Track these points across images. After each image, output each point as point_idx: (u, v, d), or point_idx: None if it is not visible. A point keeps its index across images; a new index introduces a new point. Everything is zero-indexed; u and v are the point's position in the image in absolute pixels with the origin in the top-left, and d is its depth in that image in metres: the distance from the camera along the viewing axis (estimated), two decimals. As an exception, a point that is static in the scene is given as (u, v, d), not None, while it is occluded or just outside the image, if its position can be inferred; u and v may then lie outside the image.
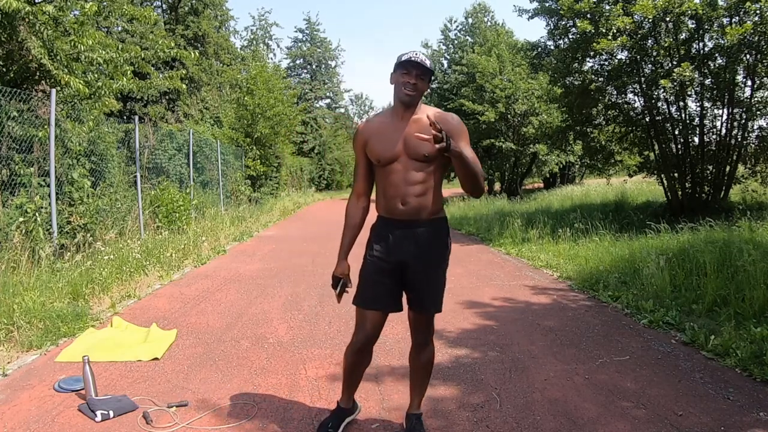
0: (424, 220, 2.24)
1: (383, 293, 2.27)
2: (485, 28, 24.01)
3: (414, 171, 2.18)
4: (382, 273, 2.26)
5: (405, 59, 2.14)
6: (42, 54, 5.57)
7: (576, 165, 22.09)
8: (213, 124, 19.14)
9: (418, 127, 2.17)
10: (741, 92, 8.59)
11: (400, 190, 2.19)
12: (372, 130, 2.28)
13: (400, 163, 2.19)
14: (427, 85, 2.20)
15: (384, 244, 2.26)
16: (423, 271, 2.25)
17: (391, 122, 2.24)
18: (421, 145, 2.12)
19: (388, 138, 2.21)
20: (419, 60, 2.13)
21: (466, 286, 5.59)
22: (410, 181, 2.19)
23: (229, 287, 5.71)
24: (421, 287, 2.27)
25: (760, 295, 3.93)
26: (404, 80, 2.15)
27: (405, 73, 2.15)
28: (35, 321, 3.92)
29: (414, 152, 2.17)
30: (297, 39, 39.19)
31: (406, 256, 2.23)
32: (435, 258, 2.27)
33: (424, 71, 2.16)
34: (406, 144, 2.18)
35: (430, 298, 2.29)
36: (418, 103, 2.22)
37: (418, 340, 2.39)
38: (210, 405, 2.78)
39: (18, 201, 5.17)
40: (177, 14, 19.67)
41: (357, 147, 2.33)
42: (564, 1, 8.71)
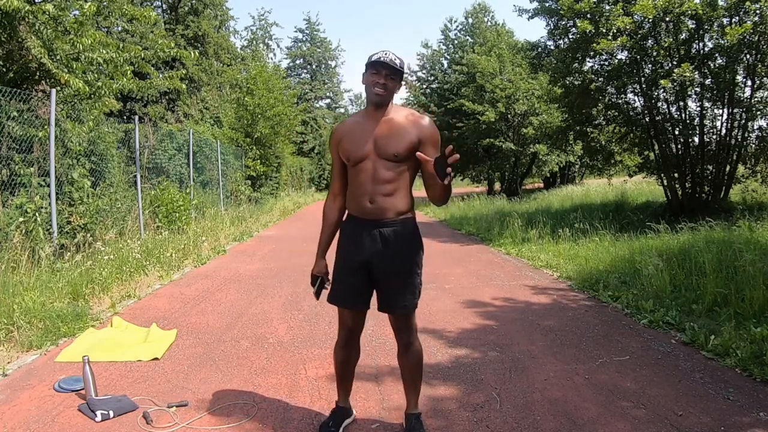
0: (392, 219, 2.24)
1: (352, 291, 2.30)
2: (485, 28, 24.01)
3: (383, 170, 2.20)
4: (351, 271, 2.29)
5: (375, 59, 2.15)
6: (42, 54, 5.57)
7: (576, 165, 22.09)
8: (213, 124, 19.14)
9: (389, 127, 2.20)
10: (741, 92, 8.59)
11: (368, 188, 2.21)
12: (345, 131, 2.31)
13: (369, 162, 2.21)
14: (398, 84, 2.22)
15: (352, 243, 2.29)
16: (390, 272, 2.25)
17: (363, 122, 2.26)
18: (391, 144, 2.16)
19: (359, 137, 2.23)
20: (388, 60, 2.14)
21: (466, 286, 5.59)
22: (379, 180, 2.20)
23: (229, 287, 5.71)
24: (389, 287, 2.28)
25: (760, 295, 3.93)
26: (374, 80, 2.16)
27: (375, 73, 2.16)
28: (35, 321, 3.92)
29: (383, 152, 2.18)
30: (297, 39, 39.26)
31: (372, 255, 2.24)
32: (403, 258, 2.27)
33: (394, 71, 2.17)
34: (376, 143, 2.20)
35: (399, 299, 2.27)
36: (389, 102, 2.23)
37: (401, 341, 2.39)
38: (210, 405, 2.78)
39: (18, 201, 5.17)
40: (177, 14, 19.69)
41: (332, 148, 2.35)
42: (564, 1, 8.71)
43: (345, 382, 2.52)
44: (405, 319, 2.35)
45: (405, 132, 2.19)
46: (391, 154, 2.18)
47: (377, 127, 2.21)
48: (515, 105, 18.15)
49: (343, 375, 2.49)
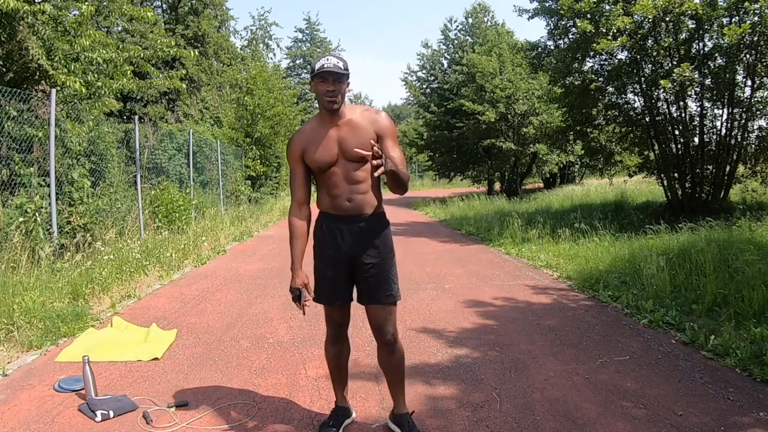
0: (369, 214, 2.31)
1: (336, 288, 2.34)
2: (485, 28, 23.98)
3: (353, 171, 2.25)
4: (335, 268, 2.33)
5: (318, 69, 2.16)
6: (40, 54, 5.56)
7: (576, 165, 22.07)
8: (213, 124, 19.14)
9: (349, 128, 2.24)
10: (741, 92, 8.59)
11: (344, 189, 2.26)
12: (306, 139, 2.30)
13: (338, 166, 2.25)
14: (346, 86, 2.23)
15: (332, 239, 2.32)
16: (372, 264, 2.30)
17: (323, 129, 2.28)
18: (354, 146, 2.18)
19: (323, 145, 2.25)
20: (332, 66, 2.15)
21: (466, 286, 5.59)
22: (352, 181, 2.26)
23: (229, 287, 5.71)
24: (372, 278, 2.31)
25: (760, 295, 3.93)
26: (323, 89, 2.19)
27: (322, 81, 2.18)
28: (35, 321, 3.93)
29: (350, 155, 2.21)
30: (297, 39, 39.26)
31: (354, 250, 2.29)
32: (381, 251, 2.32)
33: (339, 76, 2.18)
34: (341, 148, 2.24)
35: (382, 288, 2.31)
36: (341, 104, 2.25)
37: (384, 338, 2.36)
38: (210, 405, 2.78)
39: (18, 201, 5.17)
40: (177, 14, 19.67)
41: (293, 157, 2.34)
42: (564, 1, 8.70)
43: (340, 380, 2.54)
44: (389, 313, 2.34)
45: (364, 131, 2.23)
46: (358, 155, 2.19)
47: (338, 131, 2.25)
48: (515, 105, 18.14)
49: (337, 372, 2.51)
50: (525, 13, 10.42)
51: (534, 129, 17.40)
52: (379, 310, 2.33)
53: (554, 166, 21.10)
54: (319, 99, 2.24)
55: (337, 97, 2.19)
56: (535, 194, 17.93)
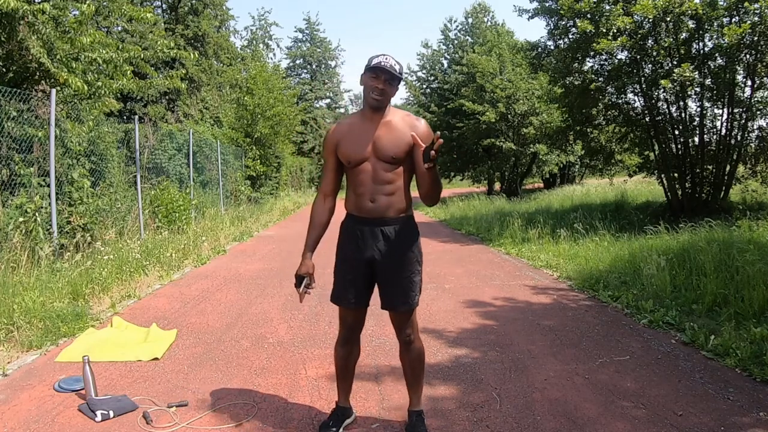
0: (392, 218, 2.28)
1: (353, 290, 2.32)
2: (485, 28, 23.99)
3: (383, 171, 2.24)
4: (354, 270, 2.31)
5: (374, 64, 2.17)
6: (41, 53, 5.56)
7: (576, 165, 22.08)
8: (213, 124, 19.13)
9: (388, 129, 2.24)
10: (741, 92, 8.59)
11: (369, 188, 2.25)
12: (342, 133, 2.31)
13: (369, 164, 2.25)
14: (395, 89, 2.25)
15: (353, 241, 2.31)
16: (391, 269, 2.29)
17: (361, 124, 2.28)
18: (389, 147, 2.21)
19: (358, 140, 2.26)
20: (387, 66, 2.16)
21: (466, 286, 5.59)
22: (379, 181, 2.24)
23: (229, 287, 5.71)
24: (391, 285, 2.31)
25: (760, 295, 3.93)
26: (373, 84, 2.19)
27: (374, 77, 2.18)
28: (35, 321, 3.92)
29: (383, 154, 2.22)
30: (297, 39, 39.24)
31: (373, 253, 2.27)
32: (403, 256, 2.30)
33: (392, 77, 2.18)
34: (375, 146, 2.24)
35: (398, 296, 2.30)
36: (386, 106, 2.26)
37: (401, 338, 2.40)
38: (210, 405, 2.78)
39: (18, 201, 5.17)
40: (177, 14, 19.67)
41: (327, 149, 2.35)
42: (564, 1, 8.70)
43: (345, 381, 2.52)
44: (407, 317, 2.36)
45: (402, 134, 2.23)
46: (390, 156, 2.22)
47: (376, 130, 2.24)
48: (515, 105, 18.14)
49: (343, 373, 2.50)
50: (525, 13, 10.42)
51: (534, 129, 17.40)
52: (395, 315, 2.35)
53: (554, 166, 21.11)
54: (365, 93, 2.23)
55: (384, 96, 2.20)
56: (535, 194, 17.94)
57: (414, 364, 2.44)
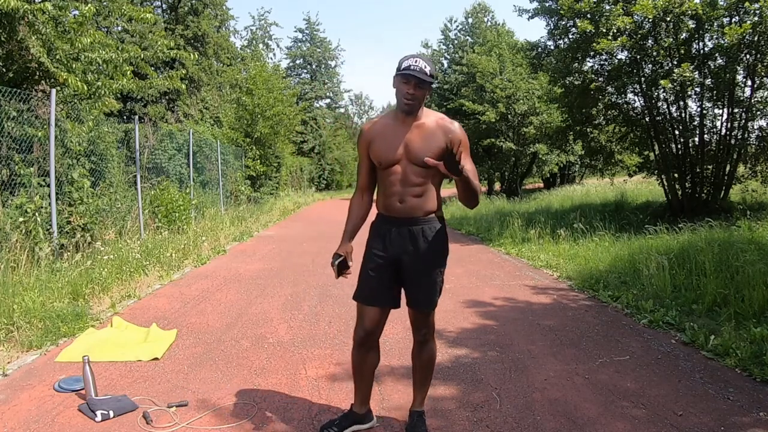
0: (421, 218, 2.28)
1: (379, 289, 2.32)
2: (485, 28, 24.00)
3: (413, 174, 2.23)
4: (379, 269, 2.31)
5: (404, 68, 2.13)
6: (41, 53, 5.56)
7: (576, 165, 22.08)
8: (213, 124, 19.13)
9: (420, 132, 2.23)
10: (741, 92, 8.59)
11: (398, 189, 2.25)
12: (375, 133, 2.31)
13: (400, 166, 2.24)
14: (427, 91, 2.21)
15: (381, 241, 2.31)
16: (418, 269, 2.29)
17: (394, 126, 2.27)
18: (422, 150, 2.18)
19: (390, 142, 2.25)
20: (417, 71, 2.12)
21: (466, 286, 5.59)
22: (409, 183, 2.24)
23: (229, 287, 5.71)
24: (415, 284, 2.31)
25: (760, 295, 3.93)
26: (403, 89, 2.17)
27: (404, 82, 2.16)
28: (35, 321, 3.92)
29: (415, 158, 2.21)
30: (297, 39, 39.18)
31: (401, 253, 2.28)
32: (430, 256, 2.29)
33: (422, 81, 2.15)
34: (407, 148, 2.23)
35: (424, 296, 2.32)
36: (418, 109, 2.24)
37: (417, 337, 2.43)
38: (210, 405, 2.78)
39: (18, 201, 5.17)
40: (177, 14, 19.66)
41: (361, 147, 2.37)
42: (564, 1, 8.70)
43: (361, 386, 2.46)
44: (426, 317, 2.37)
45: (435, 138, 2.22)
46: (422, 160, 2.17)
47: (409, 133, 2.23)
48: (515, 105, 18.14)
49: (359, 377, 2.44)
50: (525, 13, 10.43)
51: (534, 129, 17.41)
52: (416, 314, 2.37)
53: (554, 166, 21.12)
54: (397, 96, 2.21)
55: (416, 101, 2.18)
56: (535, 194, 17.94)
57: (426, 364, 2.45)
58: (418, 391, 2.50)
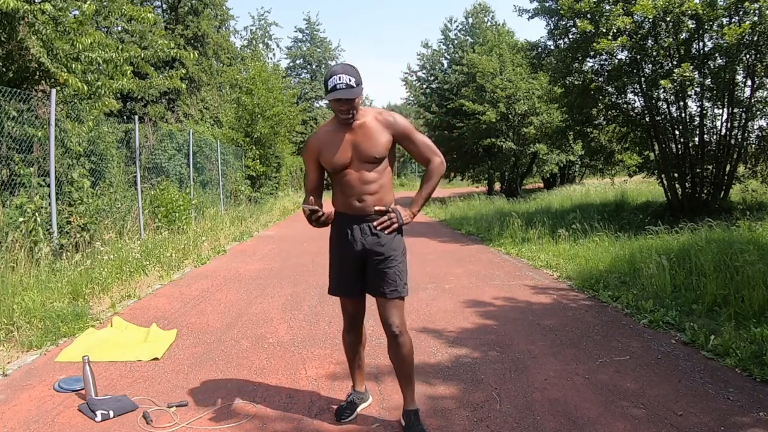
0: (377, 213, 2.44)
1: (349, 281, 2.49)
2: (485, 28, 23.99)
3: (366, 172, 2.38)
4: (347, 263, 2.47)
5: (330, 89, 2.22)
6: (41, 53, 5.56)
7: (576, 165, 22.08)
8: (213, 124, 19.14)
9: (363, 132, 2.36)
10: (741, 92, 8.59)
11: (356, 189, 2.39)
12: (322, 142, 2.42)
13: (352, 168, 2.38)
14: (358, 99, 2.30)
15: (344, 238, 2.45)
16: (380, 259, 2.41)
17: (337, 132, 2.39)
18: (370, 148, 2.35)
19: (337, 147, 2.37)
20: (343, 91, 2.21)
21: (466, 286, 5.59)
22: (365, 181, 2.38)
23: (229, 287, 5.71)
24: (381, 273, 2.42)
25: (760, 295, 3.93)
26: (337, 108, 2.29)
27: (335, 101, 2.27)
28: (35, 321, 3.93)
29: (365, 156, 2.36)
30: (297, 39, 39.21)
31: (364, 246, 2.41)
32: (389, 246, 2.43)
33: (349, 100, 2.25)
34: (355, 150, 2.36)
35: (387, 283, 2.41)
36: (355, 115, 2.35)
37: (389, 332, 2.44)
38: (210, 405, 2.78)
39: (18, 201, 5.17)
40: (177, 14, 19.66)
41: (309, 158, 2.48)
42: (564, 1, 8.70)
43: (356, 367, 2.70)
44: (394, 306, 2.42)
45: (379, 134, 2.37)
46: (373, 157, 2.36)
47: (353, 135, 2.37)
48: (516, 105, 18.14)
49: (352, 358, 2.68)
50: (525, 13, 10.43)
51: (534, 129, 17.40)
52: (383, 303, 2.43)
53: (554, 166, 21.11)
54: (334, 111, 2.35)
55: (351, 113, 2.31)
56: (535, 194, 17.94)
57: (404, 360, 2.47)
58: (406, 390, 2.51)
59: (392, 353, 2.49)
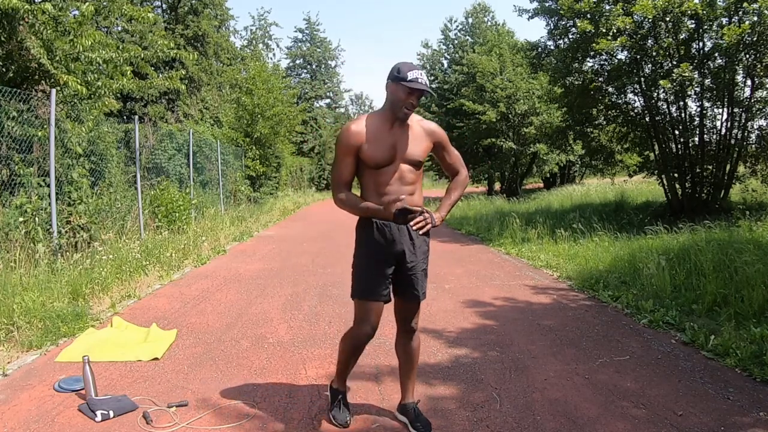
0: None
1: (384, 285, 2.43)
2: (485, 28, 24.01)
3: (407, 173, 2.40)
4: (383, 264, 2.41)
5: (412, 81, 2.26)
6: (41, 54, 5.56)
7: (576, 165, 22.08)
8: (213, 124, 19.13)
9: (408, 135, 2.41)
10: (741, 92, 8.59)
11: (396, 188, 2.38)
12: (367, 134, 2.36)
13: (395, 166, 2.38)
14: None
15: (383, 239, 2.39)
16: (417, 260, 2.44)
17: (383, 128, 2.38)
18: (413, 152, 2.39)
19: (384, 144, 2.36)
20: (424, 86, 2.27)
21: (466, 286, 5.59)
22: (405, 182, 2.40)
23: (229, 287, 5.71)
24: (416, 276, 2.45)
25: (760, 295, 3.93)
26: (407, 100, 2.30)
27: (409, 93, 2.29)
28: (35, 321, 3.92)
29: (409, 158, 2.39)
30: (297, 39, 39.20)
31: (403, 247, 2.40)
32: (424, 248, 2.49)
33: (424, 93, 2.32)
34: (401, 150, 2.38)
35: (421, 286, 2.48)
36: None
37: (408, 327, 2.53)
38: (210, 405, 2.78)
39: (18, 201, 5.17)
40: (177, 14, 19.66)
41: (348, 149, 2.37)
42: (564, 1, 8.70)
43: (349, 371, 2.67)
44: (419, 306, 2.53)
45: (422, 140, 2.44)
46: (417, 160, 2.41)
47: (398, 134, 2.39)
48: (516, 105, 18.14)
49: (350, 365, 2.63)
50: (525, 13, 10.44)
51: (534, 129, 17.41)
52: (413, 305, 2.49)
53: (554, 166, 21.11)
54: (394, 103, 2.33)
55: (413, 110, 2.37)
56: (535, 194, 17.94)
57: (416, 353, 2.58)
58: (410, 383, 2.60)
59: (407, 349, 2.56)
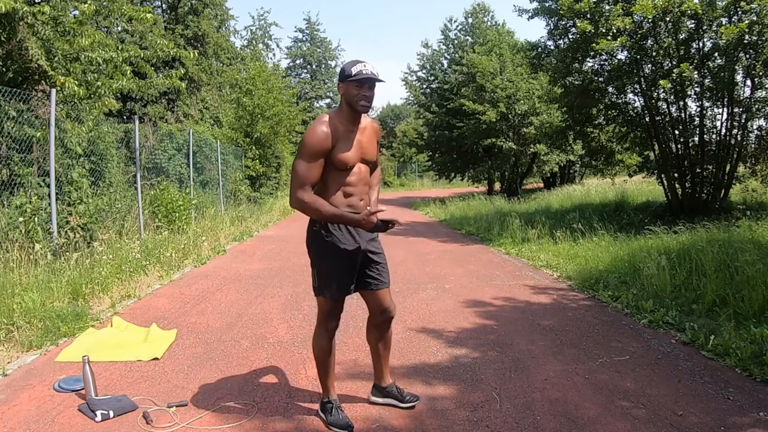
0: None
1: (351, 280, 2.54)
2: (485, 28, 23.98)
3: (366, 173, 2.53)
4: (350, 261, 2.50)
5: (358, 74, 2.31)
6: (39, 55, 5.56)
7: (576, 165, 22.07)
8: (213, 124, 19.12)
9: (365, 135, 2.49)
10: (741, 92, 8.59)
11: (360, 188, 2.48)
12: (337, 136, 2.38)
13: (357, 167, 2.47)
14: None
15: (349, 236, 2.48)
16: (378, 253, 2.60)
17: (347, 129, 2.43)
18: (370, 151, 2.51)
19: (351, 144, 2.43)
20: (370, 74, 2.32)
21: (466, 286, 5.59)
22: (365, 181, 2.53)
23: (229, 287, 5.71)
24: (382, 267, 2.60)
25: (760, 295, 3.93)
26: (360, 93, 2.35)
27: (358, 86, 2.34)
28: (35, 321, 3.92)
29: (368, 157, 2.52)
30: (297, 39, 39.22)
31: (366, 243, 2.53)
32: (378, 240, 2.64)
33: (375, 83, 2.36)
34: (362, 150, 2.48)
35: (386, 273, 2.63)
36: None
37: (385, 316, 2.63)
38: (210, 405, 2.78)
39: (18, 201, 5.17)
40: (177, 14, 19.66)
41: (320, 149, 2.33)
42: (564, 1, 8.70)
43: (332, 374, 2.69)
44: (390, 293, 2.65)
45: (373, 138, 2.56)
46: (374, 160, 2.57)
47: (360, 135, 2.47)
48: (516, 105, 18.13)
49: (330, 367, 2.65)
50: (525, 13, 10.43)
51: (534, 129, 17.39)
52: (384, 292, 2.60)
53: (554, 166, 21.09)
54: (350, 101, 2.37)
55: (371, 102, 2.39)
56: (535, 194, 17.93)
57: (390, 338, 2.73)
58: (387, 365, 2.74)
59: (381, 336, 2.67)
